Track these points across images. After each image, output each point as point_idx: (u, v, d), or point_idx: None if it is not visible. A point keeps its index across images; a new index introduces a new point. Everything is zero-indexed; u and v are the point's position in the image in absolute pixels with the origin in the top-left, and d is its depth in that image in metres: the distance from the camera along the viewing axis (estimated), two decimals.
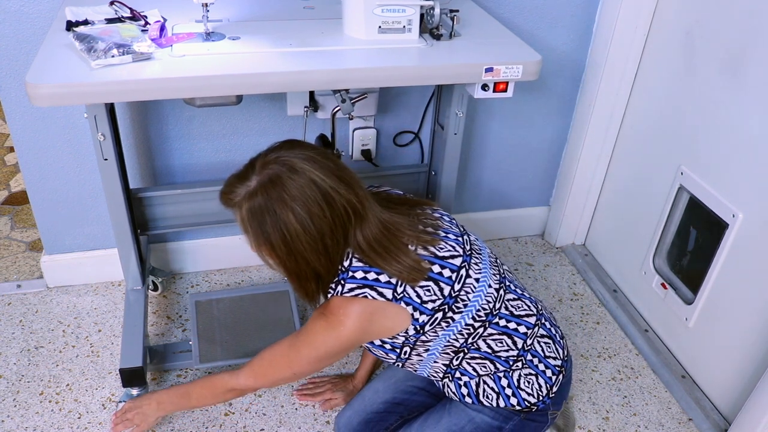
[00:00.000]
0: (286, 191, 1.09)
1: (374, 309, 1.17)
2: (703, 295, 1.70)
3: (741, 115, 1.54)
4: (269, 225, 1.10)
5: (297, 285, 1.21)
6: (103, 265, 2.00)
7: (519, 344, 1.26)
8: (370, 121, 1.97)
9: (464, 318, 1.21)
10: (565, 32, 1.96)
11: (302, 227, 1.10)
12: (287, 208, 1.09)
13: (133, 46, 1.25)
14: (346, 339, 1.18)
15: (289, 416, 1.65)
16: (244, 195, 1.11)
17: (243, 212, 1.12)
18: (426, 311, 1.18)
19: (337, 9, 1.49)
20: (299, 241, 1.11)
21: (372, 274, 1.16)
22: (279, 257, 1.15)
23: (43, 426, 1.59)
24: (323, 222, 1.11)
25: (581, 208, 2.24)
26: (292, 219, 1.10)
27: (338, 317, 1.17)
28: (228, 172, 1.92)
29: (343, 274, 1.18)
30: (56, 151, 1.78)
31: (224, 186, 1.16)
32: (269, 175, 1.10)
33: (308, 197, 1.10)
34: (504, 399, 1.26)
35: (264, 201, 1.10)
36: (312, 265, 1.15)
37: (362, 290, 1.16)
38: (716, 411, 1.70)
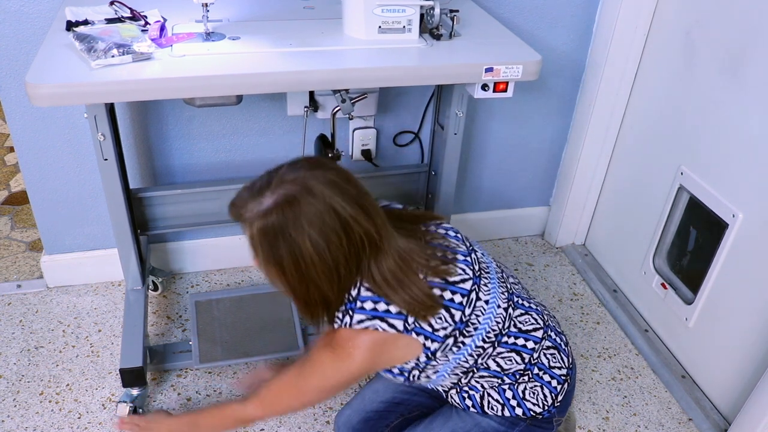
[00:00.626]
0: (303, 215, 1.03)
1: (384, 341, 1.12)
2: (703, 295, 1.70)
3: (741, 115, 1.54)
4: (282, 248, 1.05)
5: (303, 309, 1.15)
6: (103, 265, 2.00)
7: (526, 359, 1.25)
8: (370, 121, 1.97)
9: (474, 341, 1.18)
10: (565, 32, 1.96)
11: (318, 255, 1.05)
12: (304, 234, 1.03)
13: (133, 46, 1.25)
14: (356, 370, 1.14)
15: (289, 416, 1.65)
16: (257, 213, 1.04)
17: (254, 230, 1.05)
18: (438, 339, 1.14)
19: (337, 9, 1.49)
20: (313, 267, 1.06)
21: (382, 304, 1.11)
22: (288, 281, 1.09)
23: (43, 426, 1.59)
24: (339, 251, 1.06)
25: (581, 208, 2.24)
26: (308, 245, 1.04)
27: (346, 350, 1.12)
28: (228, 172, 1.95)
29: (350, 303, 1.12)
30: (56, 151, 1.78)
31: (236, 198, 1.09)
32: (286, 195, 1.04)
33: (326, 224, 1.04)
34: (509, 410, 1.25)
35: (279, 222, 1.03)
36: (323, 291, 1.10)
37: (372, 322, 1.10)
38: (716, 411, 1.70)
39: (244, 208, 1.06)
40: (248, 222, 1.06)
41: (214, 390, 1.70)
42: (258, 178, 1.10)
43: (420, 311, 1.12)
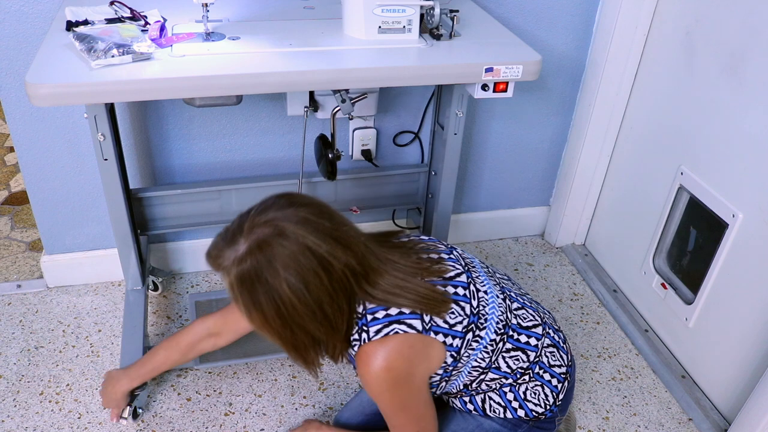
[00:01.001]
0: (277, 259, 0.99)
1: (410, 343, 1.10)
2: (703, 295, 1.70)
3: (741, 115, 1.54)
4: (261, 295, 1.02)
5: (294, 355, 1.11)
6: (103, 265, 2.00)
7: (531, 357, 1.25)
8: (370, 121, 1.97)
9: (488, 333, 1.18)
10: (565, 32, 1.96)
11: (297, 298, 1.02)
12: (280, 278, 1.00)
13: (133, 46, 1.25)
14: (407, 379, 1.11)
15: (289, 416, 1.65)
16: (232, 260, 1.01)
17: (231, 278, 1.02)
18: (458, 334, 1.14)
19: (337, 9, 1.49)
20: (295, 312, 1.03)
21: (393, 309, 1.09)
22: (273, 328, 1.06)
23: (43, 426, 1.59)
24: (321, 290, 1.03)
25: (581, 208, 2.24)
26: (286, 289, 1.01)
27: (381, 365, 1.08)
28: (228, 172, 1.95)
29: (362, 320, 1.10)
30: (56, 151, 1.78)
31: (211, 247, 1.05)
32: (258, 240, 1.00)
33: (302, 266, 1.00)
34: (511, 411, 1.26)
35: (254, 268, 1.00)
36: (311, 333, 1.07)
37: (390, 327, 1.08)
38: (716, 411, 1.70)
39: (220, 257, 1.03)
40: (225, 270, 1.03)
41: (215, 390, 1.70)
42: (230, 223, 1.06)
43: (433, 308, 1.11)
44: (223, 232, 1.05)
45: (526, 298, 1.31)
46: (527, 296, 1.32)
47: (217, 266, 1.04)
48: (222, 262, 1.03)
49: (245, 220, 1.03)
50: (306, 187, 1.88)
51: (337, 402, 1.70)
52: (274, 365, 1.79)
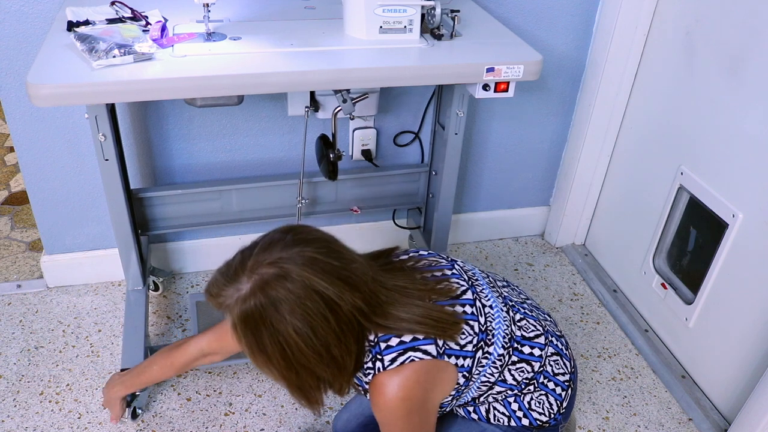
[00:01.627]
0: (283, 303, 0.95)
1: (426, 370, 1.07)
2: (703, 295, 1.70)
3: (741, 115, 1.54)
4: (265, 337, 0.97)
5: (298, 395, 1.07)
6: (103, 265, 2.00)
7: (536, 367, 1.24)
8: (370, 121, 1.96)
9: (496, 348, 1.16)
10: (565, 32, 1.96)
11: (304, 342, 0.98)
12: (286, 322, 0.96)
13: (135, 47, 1.25)
14: (422, 406, 1.09)
15: (289, 416, 1.65)
16: (235, 299, 0.97)
17: (234, 317, 0.98)
18: (468, 354, 1.12)
19: (337, 9, 1.49)
20: (301, 355, 0.99)
21: (407, 336, 1.06)
22: (276, 370, 1.02)
23: (43, 426, 1.59)
24: (328, 333, 0.99)
25: (581, 208, 2.24)
26: (292, 333, 0.97)
27: (398, 395, 1.05)
28: (228, 172, 1.95)
29: (375, 348, 1.06)
30: (56, 151, 1.78)
31: (211, 284, 1.01)
32: (262, 282, 0.96)
33: (309, 309, 0.96)
34: (515, 420, 1.25)
35: (258, 311, 0.96)
36: (317, 374, 1.03)
37: (406, 355, 1.05)
38: (716, 411, 1.70)
39: (221, 296, 0.98)
40: (227, 309, 0.99)
41: (215, 390, 1.70)
42: (231, 259, 1.01)
43: (445, 331, 1.08)
44: (224, 268, 1.00)
45: (527, 306, 1.29)
46: (528, 302, 1.31)
47: (218, 304, 1.00)
48: (223, 301, 0.98)
49: (248, 257, 0.99)
50: (306, 187, 1.89)
51: (336, 402, 1.70)
52: None
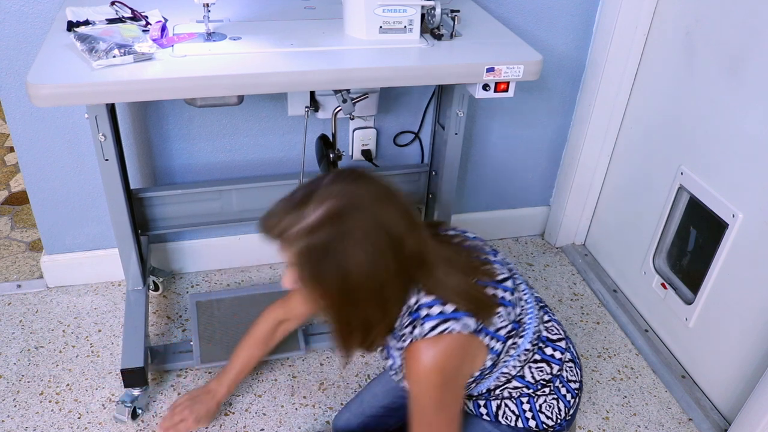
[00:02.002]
0: (352, 233, 0.94)
1: (462, 344, 1.06)
2: (703, 295, 1.70)
3: (741, 115, 1.54)
4: (327, 269, 0.96)
5: (340, 334, 1.07)
6: (103, 265, 2.00)
7: (554, 370, 1.24)
8: (370, 121, 1.97)
9: (525, 342, 1.16)
10: (565, 32, 1.96)
11: (365, 275, 0.97)
12: (350, 254, 0.95)
13: (135, 47, 1.25)
14: (454, 379, 1.09)
15: (289, 416, 1.65)
16: (300, 230, 0.95)
17: (297, 249, 0.96)
18: (501, 338, 1.12)
19: (337, 9, 1.49)
20: (359, 289, 0.98)
21: (449, 306, 1.05)
22: (330, 303, 1.01)
23: (43, 426, 1.59)
24: (387, 272, 0.98)
25: (581, 208, 2.24)
26: (355, 265, 0.96)
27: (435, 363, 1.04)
28: (228, 172, 1.95)
29: (415, 314, 1.05)
30: (56, 151, 1.78)
31: (270, 213, 0.99)
32: (333, 210, 0.95)
33: (375, 244, 0.95)
34: (523, 421, 1.25)
35: (326, 241, 0.94)
36: (364, 315, 1.03)
37: (445, 325, 1.04)
38: (716, 411, 1.70)
39: (281, 226, 0.97)
40: (288, 240, 0.97)
41: None
42: (296, 190, 1.01)
43: (481, 311, 1.08)
44: (287, 198, 0.99)
45: (548, 308, 1.31)
46: (547, 306, 1.32)
47: (277, 234, 0.98)
48: (285, 231, 0.96)
49: (315, 188, 0.97)
50: None
51: (336, 402, 1.70)
52: (274, 365, 1.79)
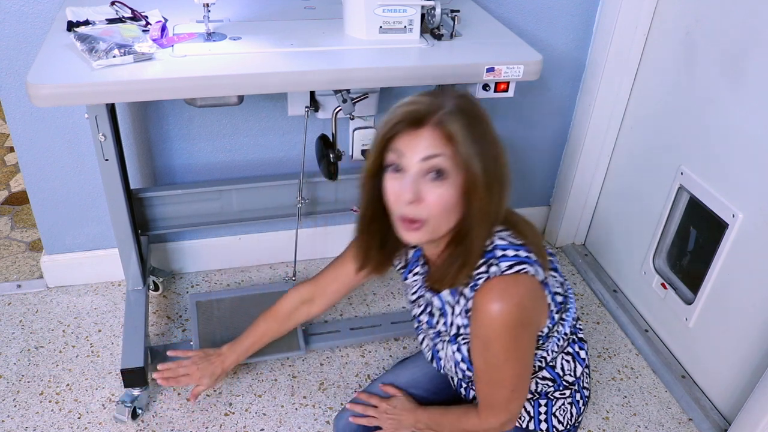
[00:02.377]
0: (486, 118, 1.02)
1: (535, 288, 1.06)
2: (703, 295, 1.70)
3: (741, 115, 1.54)
4: (479, 128, 1.00)
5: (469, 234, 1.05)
6: (103, 265, 1.99)
7: (578, 372, 1.24)
8: (370, 121, 1.96)
9: (565, 327, 1.16)
10: (565, 32, 1.96)
11: (504, 164, 1.03)
12: (495, 142, 1.02)
13: (135, 47, 1.25)
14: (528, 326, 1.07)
15: (289, 416, 1.65)
16: (451, 107, 0.99)
17: (455, 125, 0.98)
18: (556, 304, 1.12)
19: (337, 9, 1.49)
20: (495, 173, 1.01)
21: (522, 251, 1.06)
22: (481, 161, 1.00)
23: (43, 426, 1.59)
24: (507, 178, 1.05)
25: (581, 208, 2.24)
26: (497, 142, 1.02)
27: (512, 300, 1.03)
28: (228, 172, 1.95)
29: (490, 253, 1.06)
30: (56, 151, 1.78)
31: (416, 103, 1.02)
32: (465, 97, 1.02)
33: (497, 135, 1.03)
34: (535, 423, 1.25)
35: (470, 109, 1.01)
36: (489, 208, 1.03)
37: (521, 266, 1.04)
38: (716, 411, 1.70)
39: (431, 106, 1.01)
40: (438, 118, 0.99)
41: (215, 390, 1.70)
42: (418, 98, 1.04)
43: (543, 260, 1.09)
44: (422, 95, 1.04)
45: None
46: None
47: (432, 113, 1.00)
48: (436, 109, 1.00)
49: (435, 92, 1.04)
50: (306, 187, 1.88)
51: (336, 402, 1.70)
52: (274, 365, 1.79)
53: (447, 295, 1.16)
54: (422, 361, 1.48)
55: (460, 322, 1.14)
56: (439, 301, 1.18)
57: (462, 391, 1.34)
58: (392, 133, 1.02)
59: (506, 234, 1.08)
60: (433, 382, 1.43)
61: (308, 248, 2.16)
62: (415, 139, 1.00)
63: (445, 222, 1.04)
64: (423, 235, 1.04)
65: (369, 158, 1.07)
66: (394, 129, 1.02)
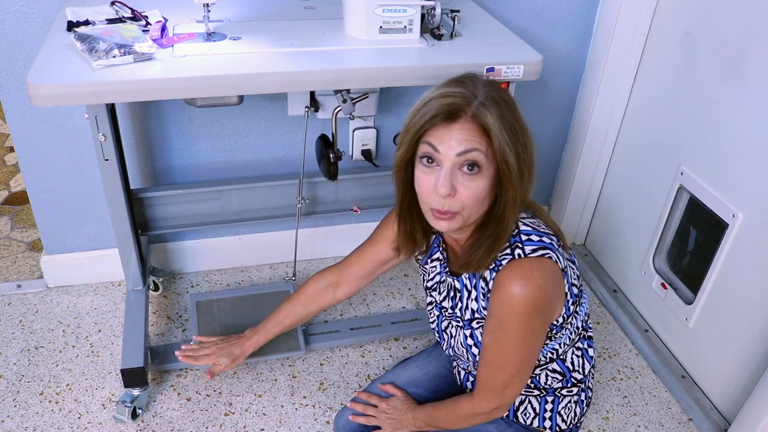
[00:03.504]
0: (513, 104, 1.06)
1: (556, 273, 1.07)
2: (703, 295, 1.70)
3: (741, 115, 1.54)
4: (510, 116, 1.03)
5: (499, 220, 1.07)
6: (103, 265, 1.99)
7: (586, 369, 1.24)
8: (370, 121, 1.96)
9: (579, 319, 1.17)
10: (565, 32, 1.96)
11: (533, 150, 1.06)
12: (524, 129, 1.06)
13: (135, 47, 1.25)
14: (545, 311, 1.08)
15: (289, 416, 1.65)
16: (484, 100, 1.01)
17: (490, 117, 1.00)
18: (572, 294, 1.12)
19: (337, 9, 1.49)
20: (526, 164, 1.04)
21: (546, 238, 1.08)
22: (512, 146, 1.02)
23: (43, 426, 1.59)
24: (534, 165, 1.08)
25: (581, 208, 2.24)
26: (528, 138, 1.06)
27: (535, 283, 1.04)
28: (228, 173, 1.95)
29: (515, 237, 1.08)
30: (56, 151, 1.78)
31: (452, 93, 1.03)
32: (494, 86, 1.05)
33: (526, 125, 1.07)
34: (539, 421, 1.25)
35: (502, 98, 1.03)
36: (520, 194, 1.04)
37: (545, 251, 1.06)
38: (716, 411, 1.70)
39: (465, 98, 1.01)
40: (477, 106, 1.01)
41: (215, 390, 1.70)
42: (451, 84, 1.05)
43: (564, 248, 1.11)
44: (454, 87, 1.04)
45: None
46: None
47: (466, 105, 1.01)
48: (473, 98, 1.01)
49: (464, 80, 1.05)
50: (306, 187, 1.88)
51: (336, 402, 1.70)
52: (274, 365, 1.79)
53: (465, 279, 1.17)
54: (422, 361, 1.48)
55: (475, 306, 1.15)
56: (460, 284, 1.19)
57: (468, 384, 1.34)
58: (427, 127, 1.03)
59: (530, 221, 1.10)
60: (433, 382, 1.43)
61: (308, 248, 2.16)
62: (450, 132, 1.01)
63: (477, 211, 1.06)
64: (455, 223, 1.06)
65: (401, 149, 1.08)
66: (429, 123, 1.02)
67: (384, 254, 1.37)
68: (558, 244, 1.10)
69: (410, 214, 1.17)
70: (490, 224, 1.08)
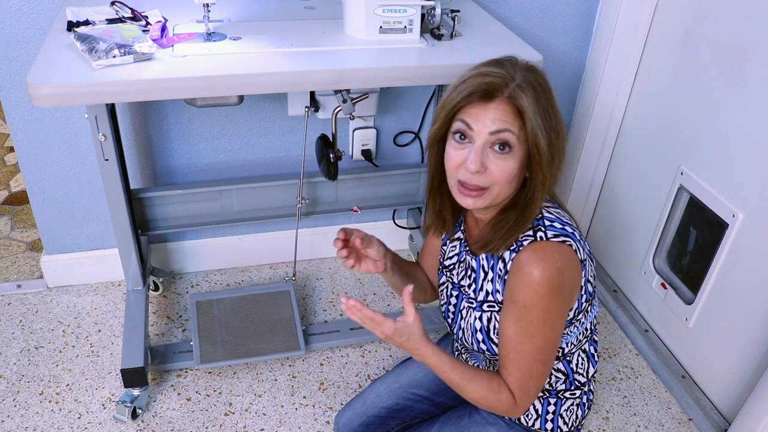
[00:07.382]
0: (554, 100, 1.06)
1: (576, 262, 1.07)
2: (703, 295, 1.70)
3: (741, 115, 1.54)
4: (548, 125, 1.03)
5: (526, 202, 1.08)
6: (103, 265, 2.00)
7: (590, 373, 1.24)
8: (370, 121, 1.97)
9: (592, 313, 1.17)
10: (565, 32, 1.96)
11: (563, 135, 1.07)
12: (558, 116, 1.06)
13: (135, 47, 1.25)
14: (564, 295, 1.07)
15: (289, 416, 1.65)
16: (521, 82, 1.01)
17: (525, 100, 1.01)
18: (587, 291, 1.13)
19: (337, 9, 1.49)
20: (557, 150, 1.06)
21: (568, 227, 1.08)
22: (544, 132, 1.03)
23: (43, 426, 1.59)
24: (565, 152, 1.10)
25: (581, 208, 2.24)
26: (561, 124, 1.06)
27: (556, 265, 1.04)
28: (228, 173, 1.95)
29: (537, 221, 1.09)
30: (56, 151, 1.78)
31: (489, 73, 1.03)
32: (532, 70, 1.05)
33: (560, 112, 1.07)
34: (541, 422, 1.25)
35: (544, 83, 1.04)
36: (548, 179, 1.06)
37: (565, 237, 1.07)
38: (716, 411, 1.70)
39: (503, 79, 1.02)
40: (516, 89, 1.01)
41: (215, 390, 1.70)
42: (490, 65, 1.06)
43: (584, 241, 1.11)
44: (492, 67, 1.04)
45: None
46: None
47: (503, 86, 1.02)
48: (509, 83, 1.02)
49: (503, 62, 1.06)
50: (306, 187, 1.89)
51: (336, 402, 1.70)
52: (274, 365, 1.79)
53: (483, 260, 1.17)
54: None
55: (490, 287, 1.15)
56: (477, 264, 1.19)
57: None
58: (463, 104, 1.04)
59: (555, 210, 1.11)
60: (435, 382, 1.43)
61: (308, 248, 2.16)
62: (485, 111, 1.02)
63: (506, 191, 1.07)
64: (483, 201, 1.07)
65: (435, 124, 1.09)
66: (465, 100, 1.03)
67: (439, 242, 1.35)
68: (580, 235, 1.11)
69: (440, 191, 1.18)
70: (516, 207, 1.09)
